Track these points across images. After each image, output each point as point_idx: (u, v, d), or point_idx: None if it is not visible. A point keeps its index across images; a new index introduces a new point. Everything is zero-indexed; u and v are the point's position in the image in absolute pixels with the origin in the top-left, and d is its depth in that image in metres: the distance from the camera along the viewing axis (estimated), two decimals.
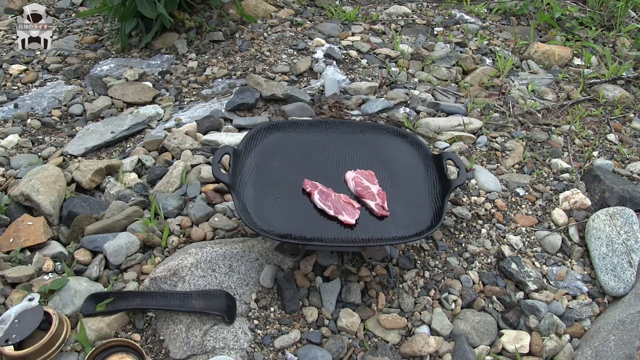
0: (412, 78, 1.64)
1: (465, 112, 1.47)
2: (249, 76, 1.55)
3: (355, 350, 0.89)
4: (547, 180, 1.26)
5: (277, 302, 0.95)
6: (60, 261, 0.99)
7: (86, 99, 1.55)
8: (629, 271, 1.02)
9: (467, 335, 0.92)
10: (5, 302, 0.90)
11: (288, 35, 1.79)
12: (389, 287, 0.99)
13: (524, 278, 1.01)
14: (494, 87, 1.61)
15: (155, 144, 1.32)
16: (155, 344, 0.88)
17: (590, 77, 1.68)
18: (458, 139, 1.35)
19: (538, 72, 1.72)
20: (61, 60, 1.76)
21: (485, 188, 1.20)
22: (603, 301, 1.01)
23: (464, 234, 1.10)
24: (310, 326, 0.92)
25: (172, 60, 1.72)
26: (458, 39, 1.86)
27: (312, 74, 1.62)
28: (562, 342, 0.93)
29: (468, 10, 2.08)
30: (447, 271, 1.03)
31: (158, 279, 0.93)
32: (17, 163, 1.27)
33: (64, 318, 0.87)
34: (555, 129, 1.45)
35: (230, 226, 1.07)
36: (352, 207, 0.95)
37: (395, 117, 1.42)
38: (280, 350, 0.88)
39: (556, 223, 1.14)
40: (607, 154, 1.38)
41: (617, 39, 1.93)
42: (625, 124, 1.50)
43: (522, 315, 0.97)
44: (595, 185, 1.21)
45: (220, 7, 1.91)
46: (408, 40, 1.84)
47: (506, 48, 1.84)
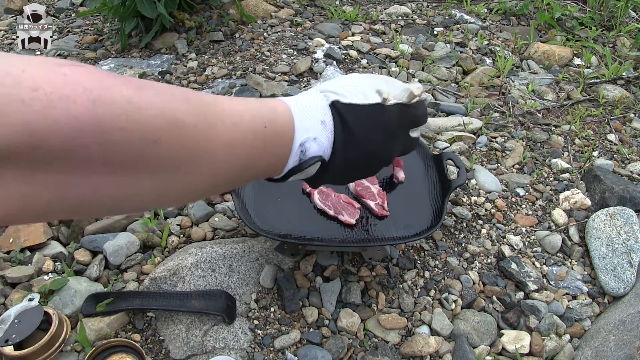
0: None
1: (465, 112, 1.47)
2: (249, 76, 1.54)
3: (355, 351, 0.89)
4: (547, 180, 1.26)
5: (277, 302, 0.95)
6: (60, 261, 0.99)
7: None
8: (629, 271, 1.02)
9: (467, 335, 0.92)
10: (5, 302, 0.90)
11: (288, 35, 1.79)
12: (389, 287, 0.99)
13: (524, 278, 1.01)
14: (494, 87, 1.61)
15: None
16: (155, 344, 0.88)
17: (590, 77, 1.68)
18: (458, 139, 1.35)
19: (538, 72, 1.72)
20: None
21: (485, 188, 1.20)
22: (603, 301, 1.01)
23: (464, 234, 1.10)
24: (310, 326, 0.92)
25: (172, 60, 1.72)
26: (458, 39, 1.86)
27: (312, 74, 1.62)
28: (562, 342, 0.93)
29: (468, 10, 2.08)
30: (447, 271, 1.03)
31: (158, 279, 0.93)
32: None
33: (64, 318, 0.87)
34: (556, 129, 1.45)
35: (230, 226, 1.07)
36: (352, 207, 0.95)
37: None
38: (280, 350, 0.88)
39: (556, 223, 1.14)
40: (607, 154, 1.38)
41: (617, 39, 1.93)
42: (625, 124, 1.50)
43: (522, 315, 0.97)
44: (596, 185, 1.21)
45: (220, 7, 1.91)
46: (408, 40, 1.84)
47: (506, 48, 1.84)
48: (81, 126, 0.32)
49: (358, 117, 0.54)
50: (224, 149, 0.44)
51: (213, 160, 0.43)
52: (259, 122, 0.47)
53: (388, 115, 0.57)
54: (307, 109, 0.52)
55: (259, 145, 0.47)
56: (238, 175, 0.48)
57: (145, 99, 0.36)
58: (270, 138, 0.48)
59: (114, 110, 0.34)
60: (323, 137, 0.53)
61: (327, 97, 0.55)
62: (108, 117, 0.33)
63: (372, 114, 0.56)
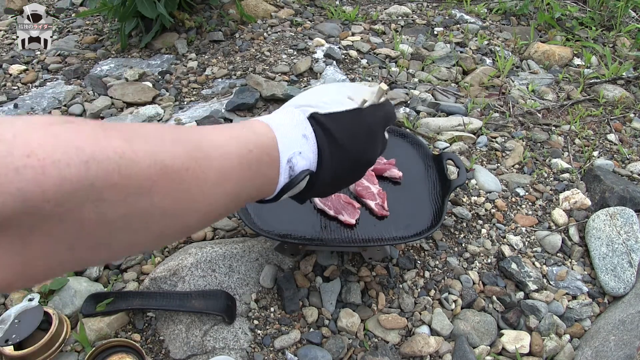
0: (412, 78, 1.64)
1: (465, 112, 1.47)
2: (249, 76, 1.54)
3: (355, 351, 0.89)
4: (547, 180, 1.26)
5: (277, 302, 0.95)
6: None
7: (86, 99, 1.55)
8: (629, 271, 1.02)
9: (467, 335, 0.92)
10: (5, 302, 0.90)
11: (288, 35, 1.79)
12: (389, 287, 0.99)
13: (524, 278, 1.01)
14: (494, 87, 1.61)
15: None
16: (155, 344, 0.88)
17: (590, 77, 1.68)
18: (458, 139, 1.35)
19: (538, 72, 1.72)
20: (61, 60, 1.76)
21: (485, 188, 1.20)
22: (603, 301, 1.01)
23: (464, 234, 1.10)
24: (310, 326, 0.92)
25: (172, 60, 1.72)
26: (458, 39, 1.86)
27: (312, 74, 1.62)
28: (562, 342, 0.93)
29: (468, 10, 2.08)
30: (447, 271, 1.03)
31: (158, 279, 0.93)
32: None
33: (64, 318, 0.87)
34: (556, 129, 1.45)
35: (230, 226, 1.07)
36: (352, 207, 0.95)
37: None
38: (280, 350, 0.88)
39: (556, 223, 1.14)
40: (607, 154, 1.38)
41: (617, 39, 1.93)
42: (625, 124, 1.50)
43: (522, 315, 0.96)
44: (596, 185, 1.21)
45: (220, 7, 1.91)
46: (408, 40, 1.84)
47: (506, 48, 1.84)
48: (75, 188, 0.32)
49: (340, 124, 0.56)
50: (216, 182, 0.44)
51: (206, 197, 0.44)
52: (244, 147, 0.48)
53: (367, 117, 0.59)
54: (286, 125, 0.53)
55: (248, 170, 0.48)
56: (232, 204, 0.49)
57: (136, 150, 0.36)
58: (257, 161, 0.49)
59: (107, 167, 0.34)
60: (308, 151, 0.53)
61: (304, 111, 0.56)
62: (101, 176, 0.33)
63: (353, 119, 0.57)
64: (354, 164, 0.58)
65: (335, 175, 0.57)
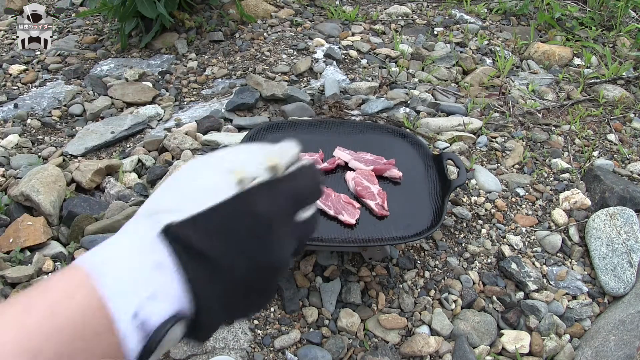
0: (412, 78, 1.64)
1: (465, 112, 1.47)
2: (249, 76, 1.54)
3: (355, 351, 0.89)
4: (547, 180, 1.26)
5: (277, 302, 0.95)
6: (60, 261, 0.99)
7: (86, 99, 1.55)
8: (629, 271, 1.02)
9: (467, 335, 0.92)
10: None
11: (288, 35, 1.79)
12: (389, 287, 0.99)
13: (524, 278, 1.01)
14: (494, 87, 1.61)
15: (155, 144, 1.32)
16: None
17: (590, 77, 1.68)
18: (458, 139, 1.35)
19: (538, 72, 1.72)
20: (61, 60, 1.76)
21: (485, 188, 1.20)
22: (603, 301, 1.01)
23: (464, 234, 1.10)
24: (310, 326, 0.92)
25: (172, 60, 1.72)
26: (458, 39, 1.86)
27: (312, 74, 1.62)
28: (562, 342, 0.93)
29: (468, 10, 2.08)
30: (447, 271, 1.03)
31: None
32: (17, 163, 1.27)
33: None
34: (556, 129, 1.45)
35: None
36: (352, 207, 0.95)
37: (395, 117, 1.42)
38: (280, 350, 0.88)
39: (556, 223, 1.14)
40: (607, 154, 1.38)
41: (617, 39, 1.93)
42: (625, 124, 1.50)
43: (522, 315, 0.97)
44: (596, 185, 1.21)
45: (220, 7, 1.91)
46: (408, 40, 1.84)
47: (506, 48, 1.84)
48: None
49: (207, 232, 0.37)
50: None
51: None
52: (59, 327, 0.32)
53: (254, 206, 0.38)
54: (123, 259, 0.35)
55: (75, 350, 0.32)
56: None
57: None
58: (81, 336, 0.32)
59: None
60: (167, 287, 0.35)
61: (157, 223, 0.37)
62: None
63: (227, 217, 0.37)
64: (248, 282, 0.38)
65: (229, 304, 0.38)
